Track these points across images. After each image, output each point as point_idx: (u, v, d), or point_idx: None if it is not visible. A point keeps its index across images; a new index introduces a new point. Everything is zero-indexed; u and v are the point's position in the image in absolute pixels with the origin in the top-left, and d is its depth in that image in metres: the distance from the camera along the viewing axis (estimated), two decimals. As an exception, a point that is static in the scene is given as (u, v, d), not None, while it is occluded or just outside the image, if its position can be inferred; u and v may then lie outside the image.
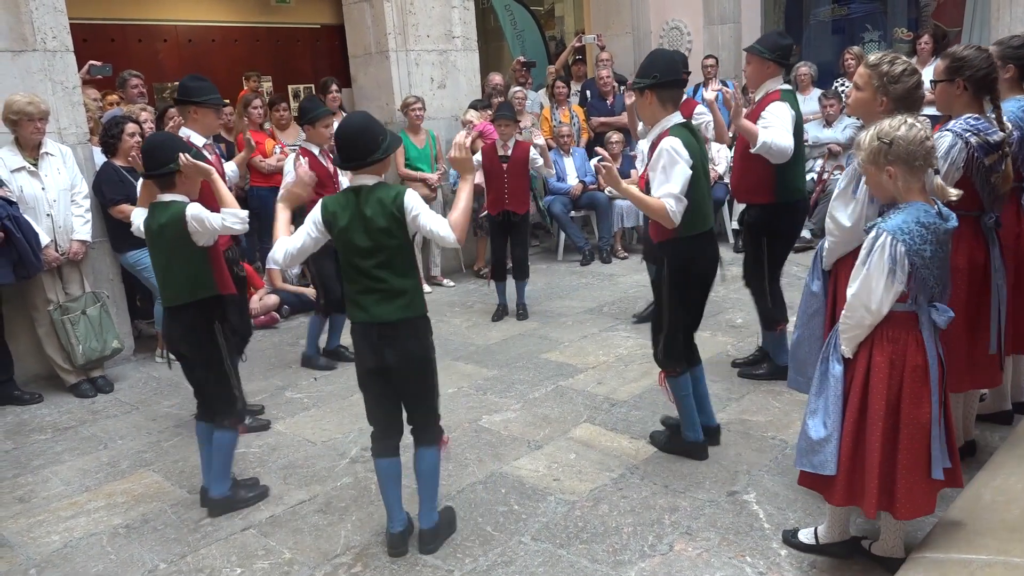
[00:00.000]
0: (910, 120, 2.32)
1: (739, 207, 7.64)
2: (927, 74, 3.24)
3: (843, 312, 2.44)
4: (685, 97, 5.50)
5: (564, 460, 3.61)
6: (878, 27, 9.39)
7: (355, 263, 2.77)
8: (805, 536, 2.74)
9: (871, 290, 2.32)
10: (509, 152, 5.79)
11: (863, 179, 2.68)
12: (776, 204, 4.12)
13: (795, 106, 4.05)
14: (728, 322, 5.44)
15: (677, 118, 3.29)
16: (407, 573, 2.86)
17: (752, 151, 3.93)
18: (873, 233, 2.34)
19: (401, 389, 2.88)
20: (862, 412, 2.41)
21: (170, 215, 3.11)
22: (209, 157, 4.10)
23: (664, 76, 3.24)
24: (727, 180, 7.82)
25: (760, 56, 4.10)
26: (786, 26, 9.62)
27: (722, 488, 3.26)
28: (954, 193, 2.37)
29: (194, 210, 3.10)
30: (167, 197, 3.17)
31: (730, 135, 8.26)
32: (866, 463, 2.39)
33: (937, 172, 2.41)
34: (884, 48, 8.95)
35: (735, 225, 7.69)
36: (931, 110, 5.43)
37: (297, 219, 3.05)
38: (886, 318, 2.36)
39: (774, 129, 3.92)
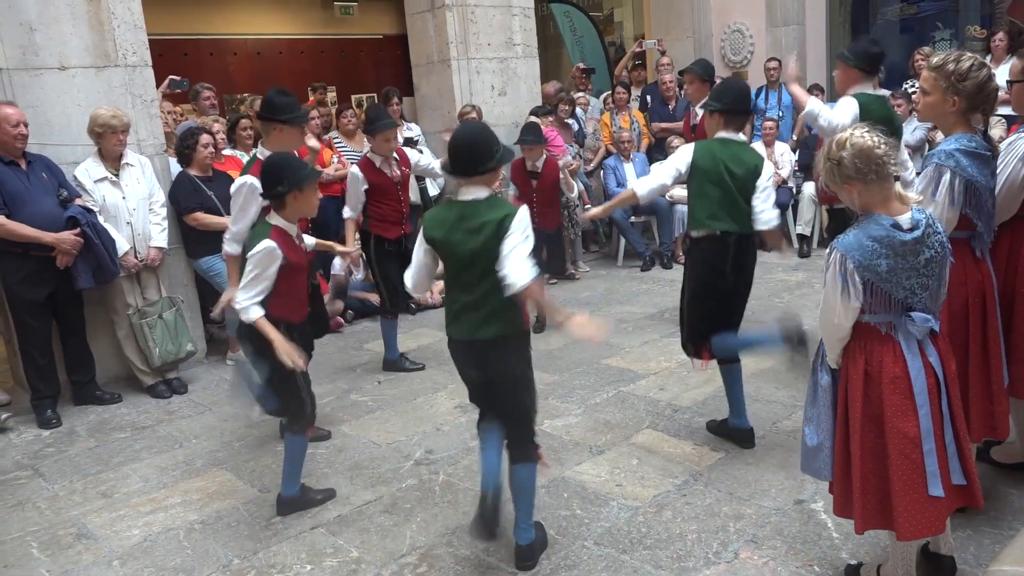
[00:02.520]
0: (858, 132, 2.23)
1: (805, 212, 7.52)
2: (1002, 73, 3.16)
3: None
4: None
5: (626, 466, 3.61)
6: (949, 25, 9.10)
7: (458, 276, 2.75)
8: (866, 574, 2.64)
9: (831, 306, 2.31)
10: (538, 169, 5.77)
11: (943, 181, 2.62)
12: None
13: (871, 107, 3.89)
14: (793, 328, 5.34)
15: (726, 135, 3.57)
16: (471, 574, 2.89)
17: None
18: (828, 249, 2.31)
19: (497, 399, 2.86)
20: (845, 424, 2.39)
21: (257, 233, 3.20)
22: None
23: (732, 106, 3.56)
24: (791, 184, 7.70)
25: (846, 62, 4.10)
26: (852, 26, 9.41)
27: (788, 496, 3.21)
28: (914, 198, 2.28)
29: (260, 247, 3.13)
30: (271, 219, 3.22)
31: (794, 137, 8.15)
32: (851, 476, 2.37)
33: (898, 179, 2.29)
34: (956, 47, 8.68)
35: (800, 230, 7.56)
36: (1005, 109, 5.26)
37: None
38: (858, 329, 2.32)
39: (829, 110, 4.01)
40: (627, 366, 4.91)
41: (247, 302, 3.11)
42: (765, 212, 3.48)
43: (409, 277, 2.92)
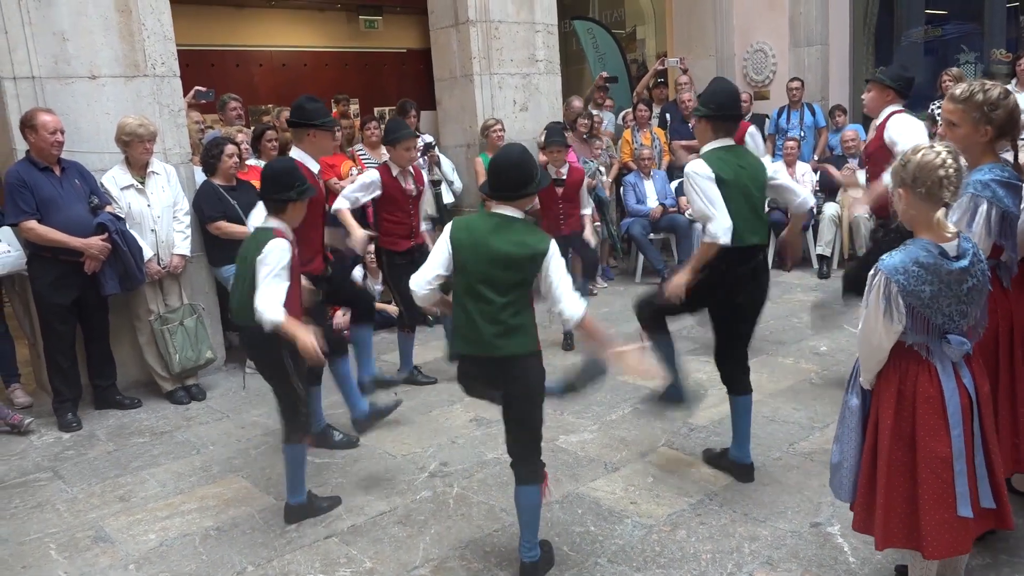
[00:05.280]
0: (937, 147, 2.26)
1: (825, 233, 7.48)
2: (1025, 99, 3.14)
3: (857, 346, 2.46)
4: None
5: (641, 483, 3.60)
6: (974, 48, 9.06)
7: (473, 288, 2.73)
8: None
9: (871, 327, 2.31)
10: (564, 176, 5.77)
11: (980, 211, 2.61)
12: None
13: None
14: (812, 349, 5.32)
15: (720, 143, 3.40)
16: (484, 588, 2.90)
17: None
18: (873, 270, 2.31)
19: (504, 414, 2.85)
20: (875, 443, 2.40)
21: (259, 237, 3.17)
22: (320, 184, 4.22)
23: (719, 110, 3.38)
24: (812, 204, 7.65)
25: (881, 84, 4.12)
26: (876, 47, 9.38)
27: (805, 518, 3.19)
28: (951, 229, 2.27)
29: (272, 246, 3.10)
30: (270, 223, 3.22)
31: (815, 158, 8.13)
32: (876, 494, 2.38)
33: (947, 206, 2.28)
34: (980, 70, 8.63)
35: (819, 250, 7.52)
36: (1032, 135, 5.20)
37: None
38: (894, 350, 2.33)
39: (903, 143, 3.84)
40: (643, 383, 4.89)
41: (271, 304, 3.04)
42: (802, 192, 3.61)
43: (417, 276, 2.85)
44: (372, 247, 6.30)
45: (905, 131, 3.95)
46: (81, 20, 4.90)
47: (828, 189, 7.67)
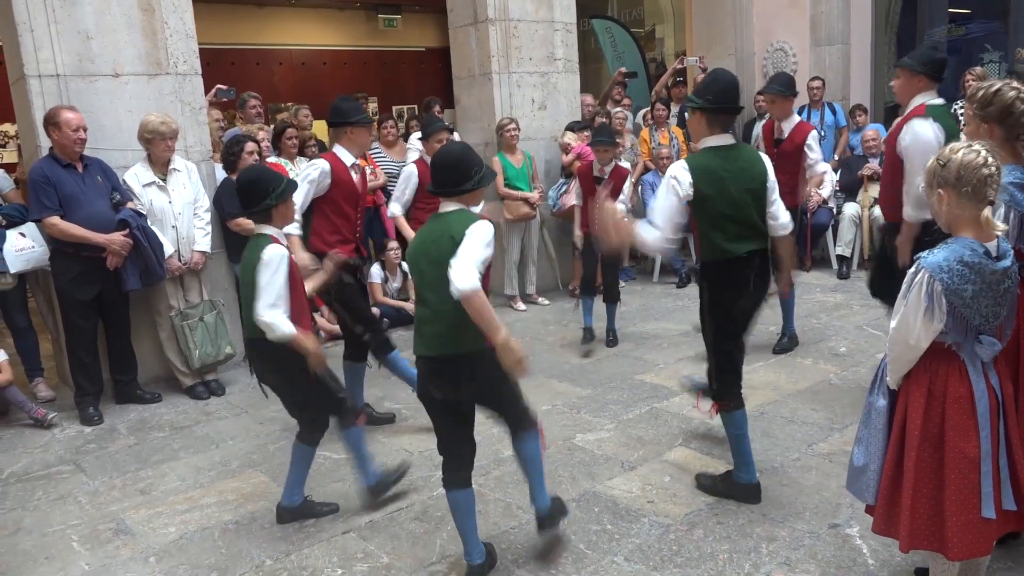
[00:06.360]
0: (976, 147, 2.24)
1: (845, 233, 7.43)
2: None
3: (887, 345, 2.42)
4: (799, 120, 5.45)
5: (658, 482, 3.59)
6: (998, 47, 8.96)
7: (419, 290, 2.79)
8: None
9: (909, 326, 2.28)
10: (606, 175, 5.76)
11: (997, 215, 2.58)
12: (928, 220, 3.86)
13: (944, 120, 3.68)
14: (831, 350, 5.28)
15: (715, 140, 3.20)
16: (500, 585, 2.90)
17: (907, 220, 3.72)
18: (914, 267, 2.28)
19: (478, 406, 2.89)
20: (900, 443, 2.38)
21: (255, 247, 3.13)
22: (355, 177, 4.25)
23: (716, 102, 3.15)
24: (832, 204, 7.61)
25: (910, 70, 3.83)
26: (898, 46, 9.30)
27: (823, 520, 3.17)
28: (1001, 227, 2.25)
29: (270, 253, 3.08)
30: (263, 230, 3.20)
31: (835, 157, 8.07)
32: (901, 495, 2.36)
33: (991, 203, 2.25)
34: (1005, 69, 8.53)
35: (839, 251, 7.46)
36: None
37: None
38: (926, 350, 2.31)
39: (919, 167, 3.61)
40: (661, 382, 4.89)
41: (276, 317, 3.05)
42: (783, 216, 3.31)
43: None
44: (395, 244, 6.37)
45: (913, 149, 3.65)
46: (105, 19, 4.96)
47: (848, 189, 7.62)
